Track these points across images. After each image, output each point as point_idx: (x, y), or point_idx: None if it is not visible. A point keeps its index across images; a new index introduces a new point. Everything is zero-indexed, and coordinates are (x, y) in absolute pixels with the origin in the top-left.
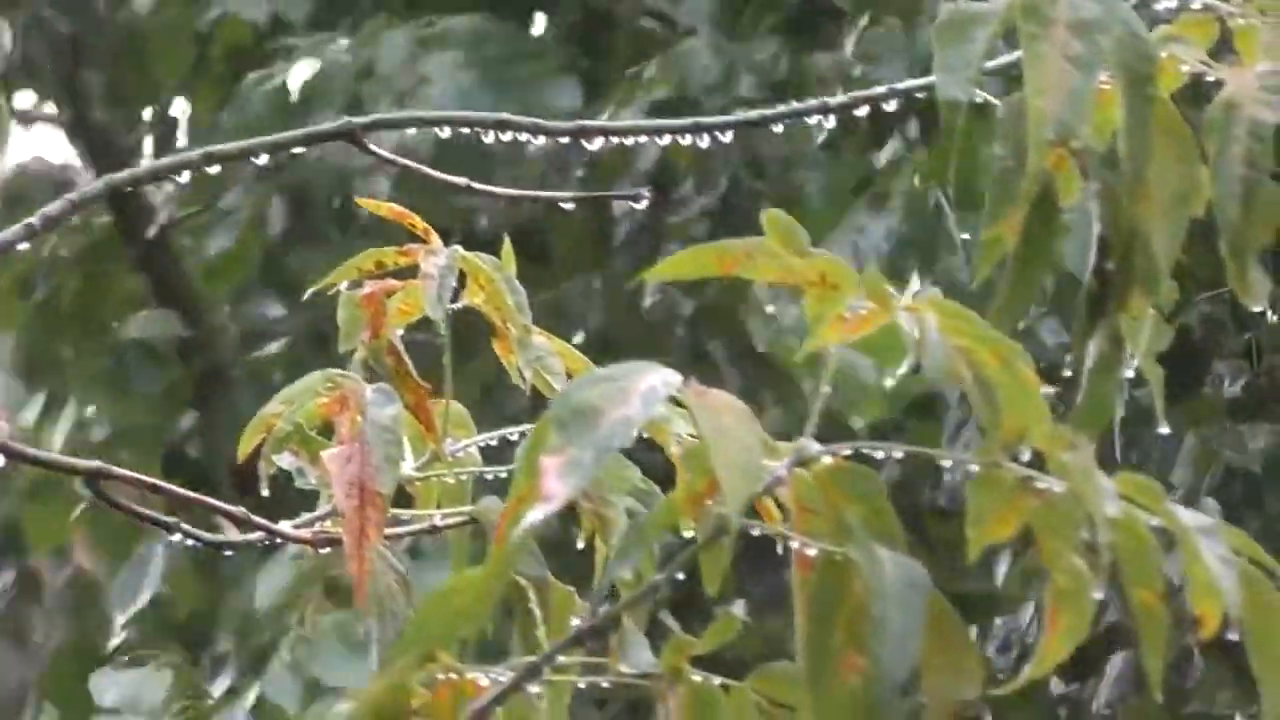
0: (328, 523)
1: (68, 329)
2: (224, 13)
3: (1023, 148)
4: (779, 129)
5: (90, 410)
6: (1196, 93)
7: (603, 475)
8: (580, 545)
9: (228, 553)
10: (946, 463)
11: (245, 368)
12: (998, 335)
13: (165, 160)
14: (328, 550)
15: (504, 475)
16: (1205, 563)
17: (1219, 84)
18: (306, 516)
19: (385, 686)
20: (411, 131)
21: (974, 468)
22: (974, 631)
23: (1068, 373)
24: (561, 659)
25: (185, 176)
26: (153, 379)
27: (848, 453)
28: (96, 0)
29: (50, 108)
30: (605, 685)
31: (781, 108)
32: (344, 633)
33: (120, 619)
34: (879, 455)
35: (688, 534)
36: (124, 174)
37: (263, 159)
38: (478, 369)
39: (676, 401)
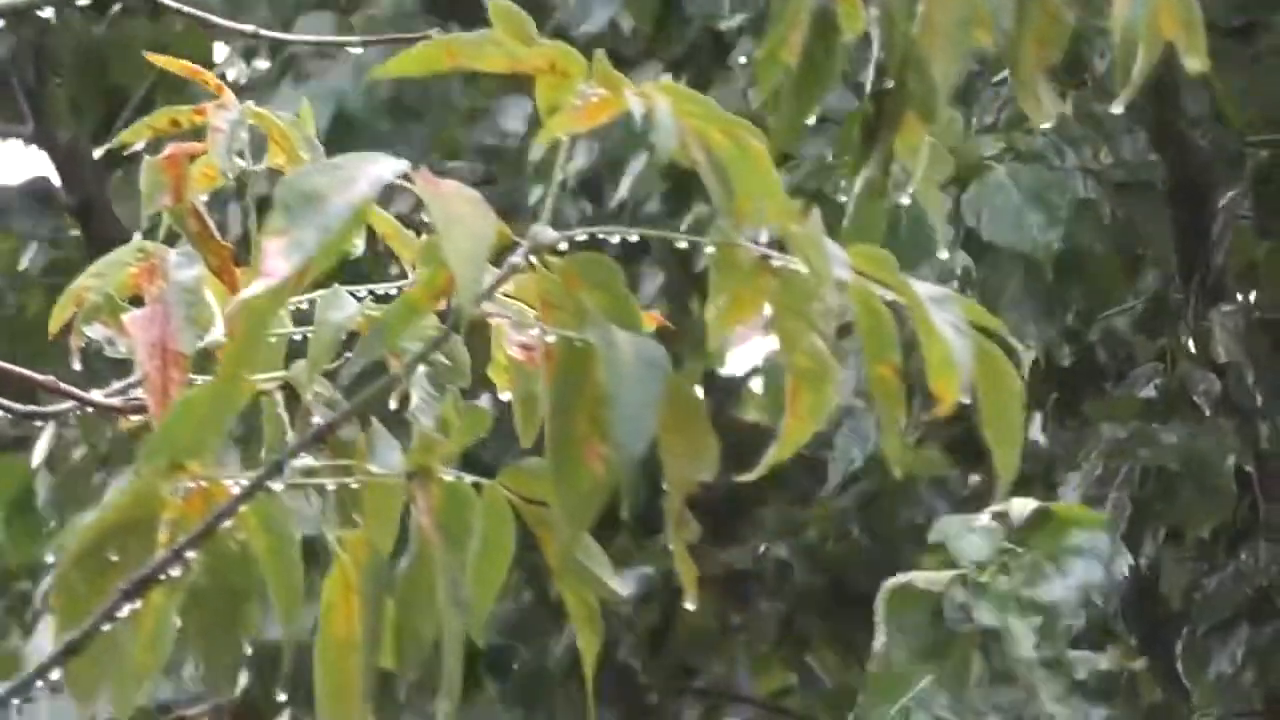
0: (139, 390)
1: (33, 339)
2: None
3: None
4: None
5: None
6: None
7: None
8: None
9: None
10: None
11: None
12: (729, 115)
13: None
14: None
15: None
16: (939, 335)
17: None
18: (117, 385)
19: (133, 495)
20: None
21: (711, 249)
22: None
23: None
24: (311, 461)
25: None
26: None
27: (583, 238)
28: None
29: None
30: (355, 487)
31: None
32: None
33: None
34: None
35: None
36: None
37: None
38: None
39: None
